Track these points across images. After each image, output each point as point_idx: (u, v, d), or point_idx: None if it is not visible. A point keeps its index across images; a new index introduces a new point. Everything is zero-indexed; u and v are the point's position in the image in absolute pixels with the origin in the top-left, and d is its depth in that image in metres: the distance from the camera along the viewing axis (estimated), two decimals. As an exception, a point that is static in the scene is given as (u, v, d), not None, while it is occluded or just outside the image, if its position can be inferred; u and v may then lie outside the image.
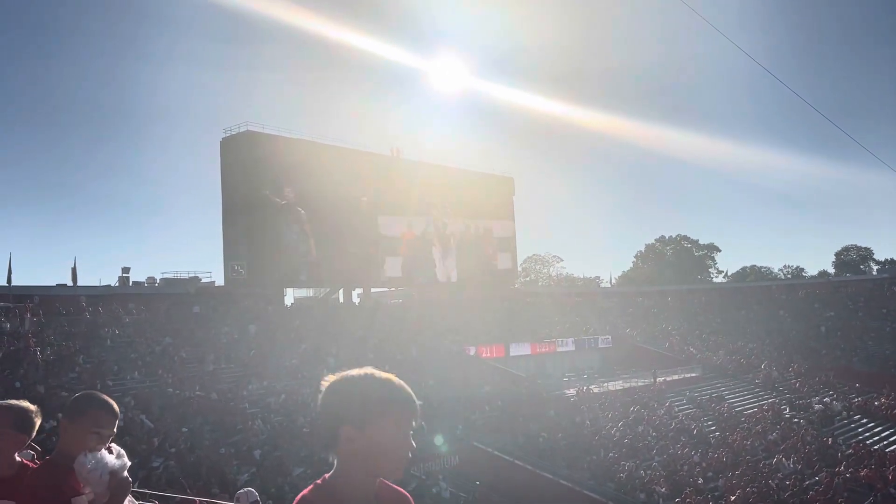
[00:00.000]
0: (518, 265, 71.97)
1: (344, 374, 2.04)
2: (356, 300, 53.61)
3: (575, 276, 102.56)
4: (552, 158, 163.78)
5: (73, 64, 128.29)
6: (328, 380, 2.03)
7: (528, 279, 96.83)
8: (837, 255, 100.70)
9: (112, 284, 44.46)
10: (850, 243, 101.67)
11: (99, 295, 39.81)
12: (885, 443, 36.50)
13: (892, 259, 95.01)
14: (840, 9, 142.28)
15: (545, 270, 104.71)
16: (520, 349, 48.68)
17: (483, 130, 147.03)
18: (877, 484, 27.36)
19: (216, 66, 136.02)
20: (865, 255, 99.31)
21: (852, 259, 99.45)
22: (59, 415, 2.98)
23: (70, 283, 40.37)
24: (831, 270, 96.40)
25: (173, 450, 23.82)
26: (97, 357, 31.14)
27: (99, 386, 26.17)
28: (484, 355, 45.28)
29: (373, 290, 55.20)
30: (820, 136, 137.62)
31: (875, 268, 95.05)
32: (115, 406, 3.08)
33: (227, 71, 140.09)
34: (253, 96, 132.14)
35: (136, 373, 30.40)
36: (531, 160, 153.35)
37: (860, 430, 39.25)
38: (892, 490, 26.86)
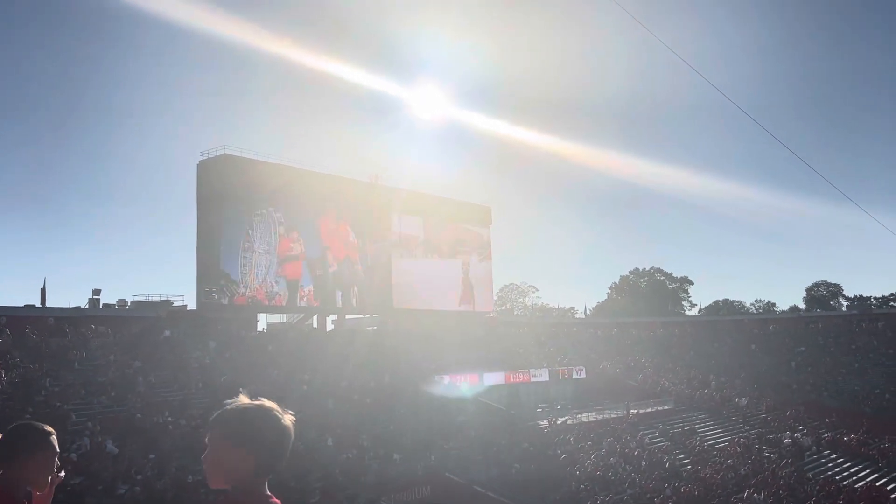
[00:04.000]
0: (494, 294, 72.10)
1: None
2: (330, 326, 53.25)
3: (550, 305, 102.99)
4: (529, 188, 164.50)
5: (47, 83, 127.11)
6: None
7: (503, 308, 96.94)
8: (808, 290, 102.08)
9: (82, 306, 43.64)
10: (820, 279, 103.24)
11: (68, 317, 39.06)
12: (854, 478, 36.81)
13: (860, 296, 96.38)
14: (810, 47, 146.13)
15: (521, 300, 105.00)
16: (494, 378, 48.50)
17: (461, 159, 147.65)
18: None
19: (195, 91, 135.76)
20: (835, 291, 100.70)
21: (822, 295, 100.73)
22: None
23: (39, 304, 39.66)
24: (802, 305, 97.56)
25: (140, 476, 23.31)
26: (64, 380, 30.45)
27: (62, 411, 25.60)
28: (458, 384, 45.05)
29: (347, 316, 54.93)
30: (791, 172, 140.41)
31: (844, 304, 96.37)
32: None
33: (207, 96, 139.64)
34: (231, 122, 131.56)
35: (104, 397, 29.77)
36: (508, 189, 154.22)
37: (830, 465, 39.57)
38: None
